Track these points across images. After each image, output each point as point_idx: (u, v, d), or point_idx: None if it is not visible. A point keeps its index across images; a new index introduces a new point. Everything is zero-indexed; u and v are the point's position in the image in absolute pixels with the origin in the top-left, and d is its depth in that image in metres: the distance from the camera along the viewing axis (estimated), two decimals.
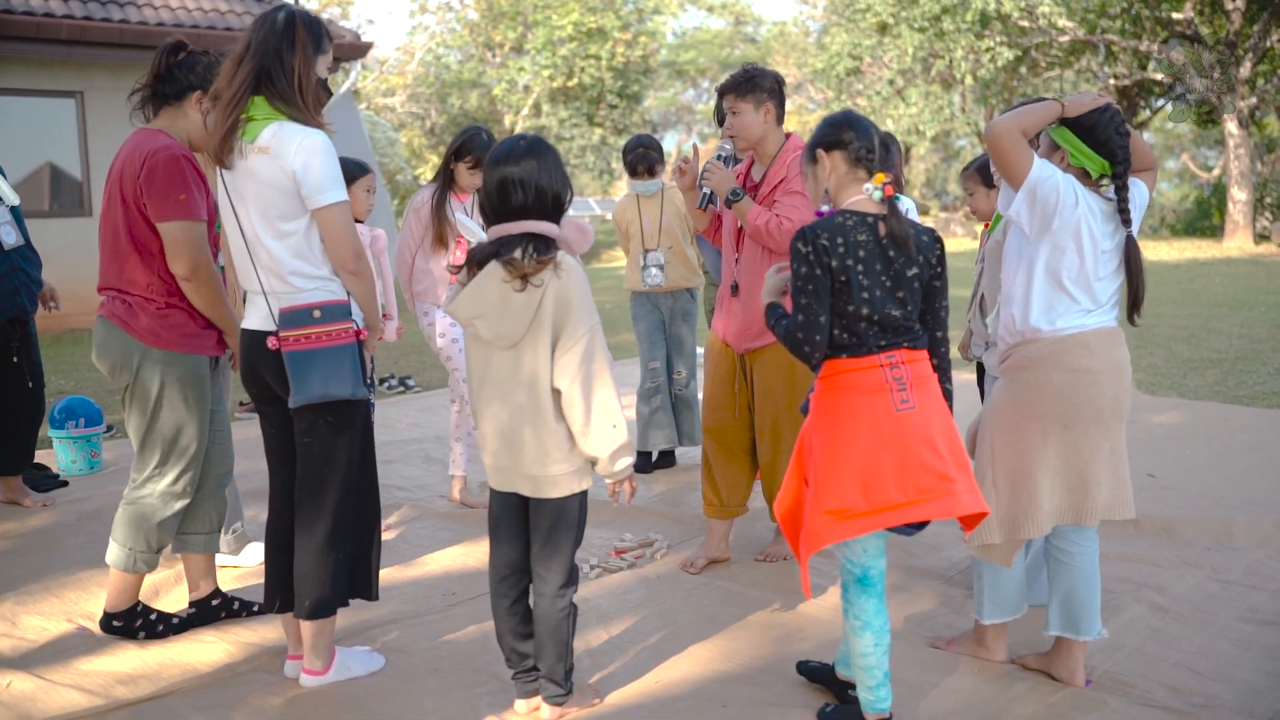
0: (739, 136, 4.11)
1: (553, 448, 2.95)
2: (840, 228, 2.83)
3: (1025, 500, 3.19)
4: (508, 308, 2.88)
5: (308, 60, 3.10)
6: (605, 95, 30.24)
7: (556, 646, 3.06)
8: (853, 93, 27.75)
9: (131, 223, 3.51)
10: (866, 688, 2.95)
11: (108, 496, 5.38)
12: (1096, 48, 26.47)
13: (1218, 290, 14.52)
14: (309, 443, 3.19)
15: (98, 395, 7.86)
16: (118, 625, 3.69)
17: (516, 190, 2.90)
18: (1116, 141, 3.14)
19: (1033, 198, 3.08)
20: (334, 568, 3.24)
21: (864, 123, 2.96)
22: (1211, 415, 6.92)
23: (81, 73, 12.05)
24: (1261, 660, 3.45)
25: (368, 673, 3.41)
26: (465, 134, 4.96)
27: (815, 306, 2.82)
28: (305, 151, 3.04)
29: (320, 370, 3.09)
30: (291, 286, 3.13)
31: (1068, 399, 3.14)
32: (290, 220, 3.09)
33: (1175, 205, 34.71)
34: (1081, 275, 3.14)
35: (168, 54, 3.56)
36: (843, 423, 2.83)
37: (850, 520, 2.79)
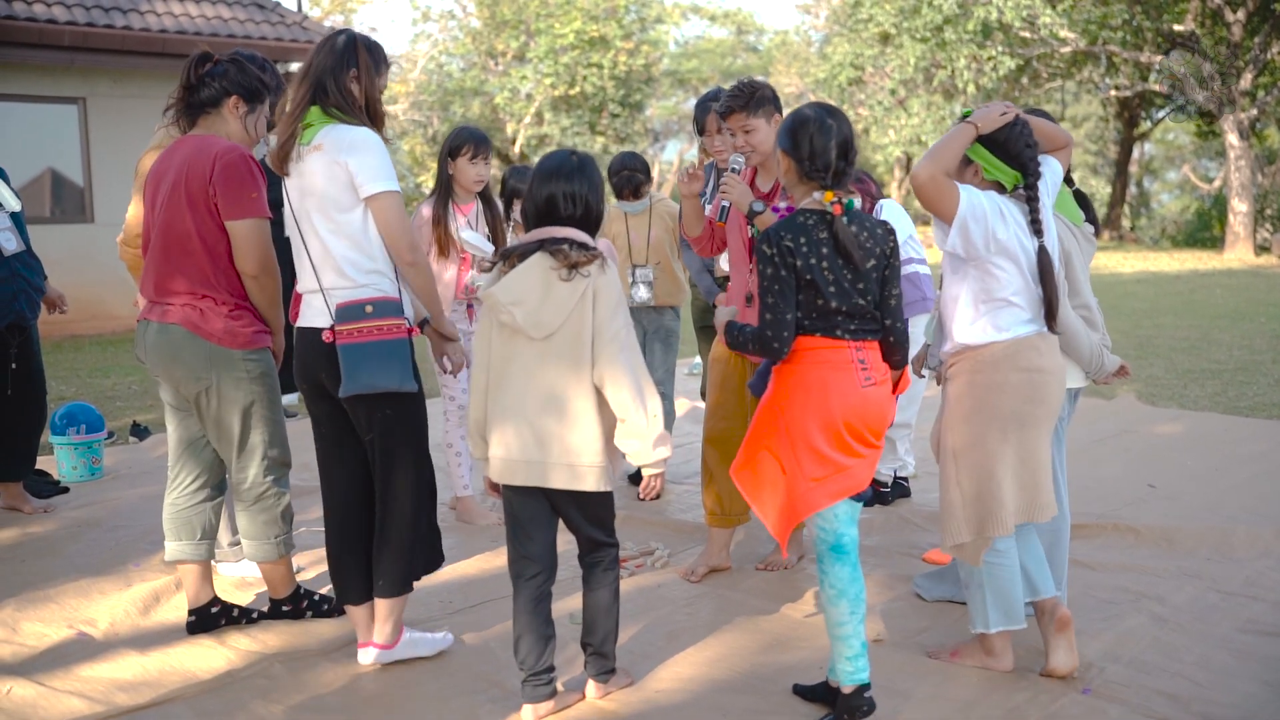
0: (756, 152, 4.09)
1: (591, 438, 3.05)
2: (802, 228, 2.98)
3: (990, 500, 3.30)
4: (550, 296, 2.99)
5: (370, 78, 3.33)
6: (607, 104, 30.27)
7: (608, 621, 3.23)
8: (854, 102, 27.79)
9: (200, 224, 3.54)
10: (844, 658, 3.03)
11: (108, 503, 5.39)
12: (1098, 59, 26.50)
13: (1218, 301, 14.52)
14: (373, 438, 3.36)
15: (99, 401, 7.87)
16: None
17: (566, 203, 3.07)
18: (1027, 154, 3.27)
19: (965, 231, 3.22)
20: (408, 546, 3.41)
21: (824, 130, 3.03)
22: (1211, 426, 6.92)
23: (84, 79, 12.07)
24: (1261, 671, 3.45)
25: (434, 651, 3.58)
26: (454, 132, 4.94)
27: (781, 305, 2.97)
28: (357, 144, 3.25)
29: (370, 363, 3.24)
30: (348, 280, 3.28)
31: (1025, 398, 3.29)
32: (345, 212, 3.26)
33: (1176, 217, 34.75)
34: (1022, 287, 3.29)
35: (196, 65, 3.64)
36: (813, 394, 3.00)
37: (830, 482, 2.99)
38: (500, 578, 4.32)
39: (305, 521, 5.04)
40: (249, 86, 3.67)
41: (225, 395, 3.60)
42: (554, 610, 3.25)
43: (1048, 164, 3.40)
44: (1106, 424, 7.00)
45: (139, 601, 4.06)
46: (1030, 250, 3.29)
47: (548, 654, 3.16)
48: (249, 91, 3.67)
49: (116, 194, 12.10)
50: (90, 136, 12.19)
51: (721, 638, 3.75)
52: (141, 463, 6.32)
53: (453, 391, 5.02)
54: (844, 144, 3.04)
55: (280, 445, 3.74)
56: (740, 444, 4.24)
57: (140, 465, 6.25)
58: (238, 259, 3.57)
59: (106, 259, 11.89)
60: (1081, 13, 24.24)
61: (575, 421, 3.04)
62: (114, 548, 4.75)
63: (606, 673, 3.29)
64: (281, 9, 13.61)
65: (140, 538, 4.86)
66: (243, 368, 3.60)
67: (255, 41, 12.37)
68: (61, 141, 12.15)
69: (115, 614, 3.96)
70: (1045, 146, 3.45)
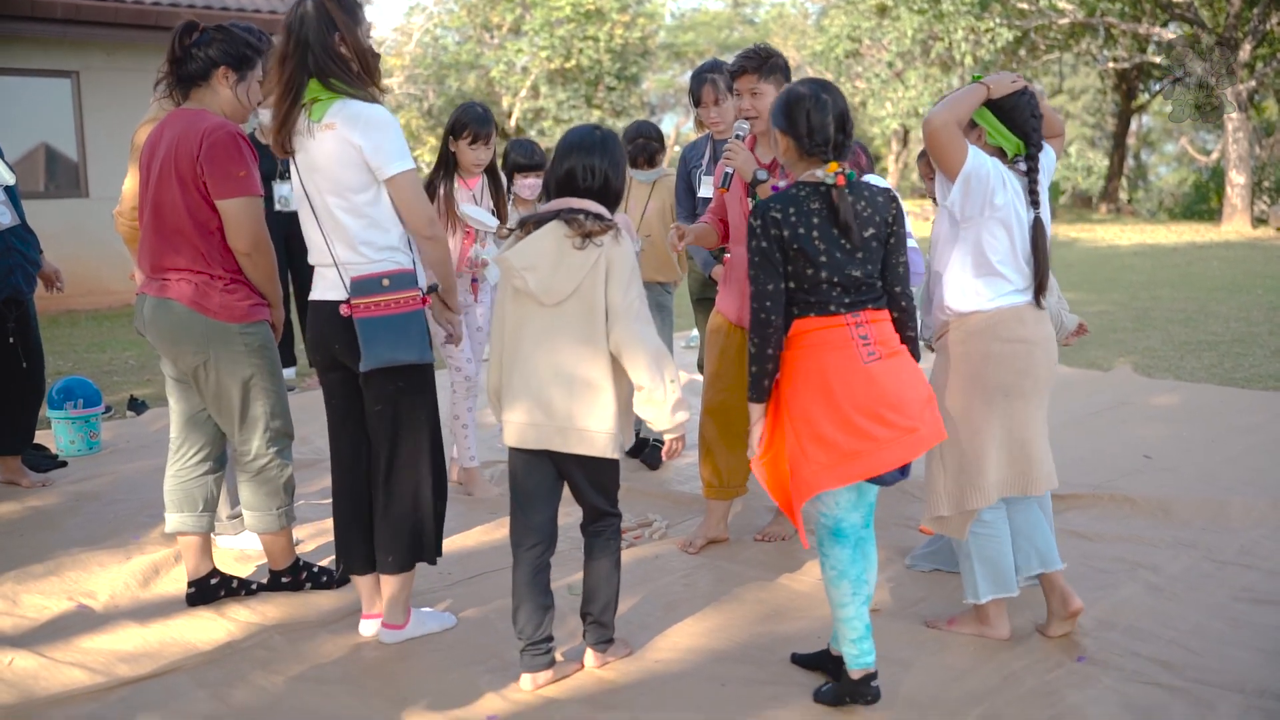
0: (761, 118, 4.06)
1: (599, 405, 3.09)
2: (793, 199, 2.97)
3: (972, 471, 3.32)
4: (563, 263, 3.03)
5: (352, 35, 3.24)
6: (603, 77, 30.12)
7: (609, 591, 3.26)
8: (851, 75, 27.65)
9: (190, 202, 3.52)
10: (849, 641, 3.02)
11: (107, 477, 5.40)
12: (1096, 30, 26.38)
13: (1215, 273, 14.52)
14: (381, 410, 3.34)
15: (96, 376, 7.87)
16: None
17: (585, 175, 3.11)
18: (1031, 124, 3.30)
19: (968, 187, 3.22)
20: (414, 524, 3.40)
21: (822, 107, 3.00)
22: (1208, 397, 6.93)
23: (77, 52, 11.99)
24: (1254, 638, 3.47)
25: (442, 628, 3.59)
26: (459, 111, 4.86)
27: (763, 277, 2.96)
28: (369, 126, 3.18)
29: (389, 336, 3.23)
30: (362, 257, 3.27)
31: (1009, 367, 3.29)
32: (360, 192, 3.23)
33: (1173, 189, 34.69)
34: (1011, 256, 3.30)
35: (181, 36, 3.59)
36: (812, 379, 2.95)
37: (839, 466, 2.91)
38: (499, 550, 4.34)
39: (305, 494, 5.05)
40: (237, 55, 3.61)
41: (223, 369, 3.59)
42: (553, 582, 3.27)
43: (1044, 150, 3.41)
44: (1103, 395, 7.01)
45: (138, 574, 4.07)
46: (1025, 221, 3.31)
47: (546, 624, 3.19)
48: (237, 60, 3.62)
49: (111, 168, 12.04)
50: (84, 110, 12.12)
51: (720, 608, 3.77)
52: (139, 436, 6.32)
53: (458, 363, 5.00)
54: (840, 117, 3.02)
55: (283, 416, 3.75)
56: (738, 415, 4.29)
57: (138, 439, 6.25)
58: (230, 237, 3.55)
59: (102, 233, 11.86)
60: None
61: (586, 388, 3.08)
62: (113, 521, 4.76)
63: (605, 642, 3.31)
64: None
65: (139, 511, 4.87)
66: (240, 341, 3.60)
67: (248, 14, 12.30)
68: (55, 115, 12.08)
69: (115, 586, 3.98)
70: (1045, 131, 3.44)
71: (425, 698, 3.16)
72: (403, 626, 3.50)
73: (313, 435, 6.14)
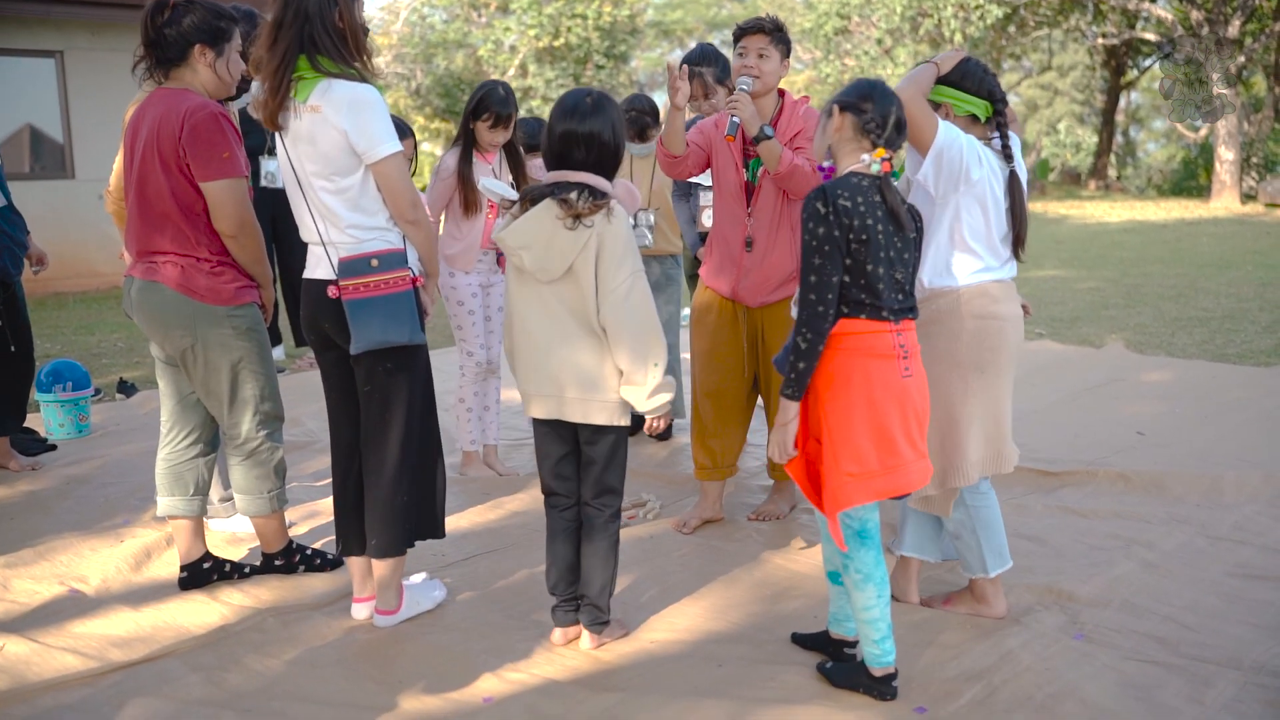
0: (761, 80, 4.02)
1: (600, 378, 3.13)
2: (858, 188, 2.86)
3: (952, 450, 3.31)
4: (554, 242, 3.04)
5: (351, 11, 3.18)
6: (592, 55, 29.96)
7: (605, 574, 3.26)
8: (840, 52, 27.55)
9: (174, 185, 3.47)
10: (871, 641, 2.97)
11: (97, 460, 5.36)
12: (1085, 6, 26.30)
13: (1205, 249, 14.54)
14: (369, 390, 3.32)
15: (85, 358, 7.83)
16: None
17: (579, 147, 3.08)
18: (990, 81, 3.34)
19: (939, 161, 3.21)
20: (403, 508, 3.38)
21: (888, 98, 2.96)
22: (1200, 373, 6.94)
23: (61, 32, 11.88)
24: (1249, 614, 3.48)
25: (434, 604, 3.59)
26: (481, 90, 4.77)
27: (829, 267, 2.82)
28: (355, 107, 3.13)
29: (379, 317, 3.20)
30: (350, 238, 3.24)
31: (982, 344, 3.29)
32: (346, 175, 3.19)
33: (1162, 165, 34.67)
34: (985, 234, 3.30)
35: (152, 16, 3.50)
36: (855, 384, 2.86)
37: (868, 481, 2.86)
38: (493, 532, 4.34)
39: (297, 476, 5.03)
40: (210, 29, 3.51)
41: (211, 352, 3.56)
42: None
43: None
44: (1095, 372, 7.01)
45: (130, 558, 4.05)
46: (1001, 203, 3.31)
47: (576, 580, 3.29)
48: (211, 34, 3.52)
49: (96, 149, 11.95)
50: (69, 91, 12.02)
51: (715, 588, 3.76)
52: (129, 419, 6.28)
53: (471, 347, 4.96)
54: (900, 120, 2.95)
55: (273, 399, 3.72)
56: (733, 396, 4.28)
57: (128, 422, 6.22)
58: (215, 219, 3.51)
59: (88, 215, 11.81)
60: None
61: (588, 361, 3.12)
62: (103, 504, 4.73)
63: (601, 624, 3.30)
64: None
65: (130, 494, 4.85)
66: (228, 324, 3.57)
67: None
68: (40, 96, 11.98)
69: (107, 570, 3.95)
70: None
71: (421, 680, 3.15)
72: (395, 611, 3.47)
73: (304, 417, 6.12)
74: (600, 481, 3.24)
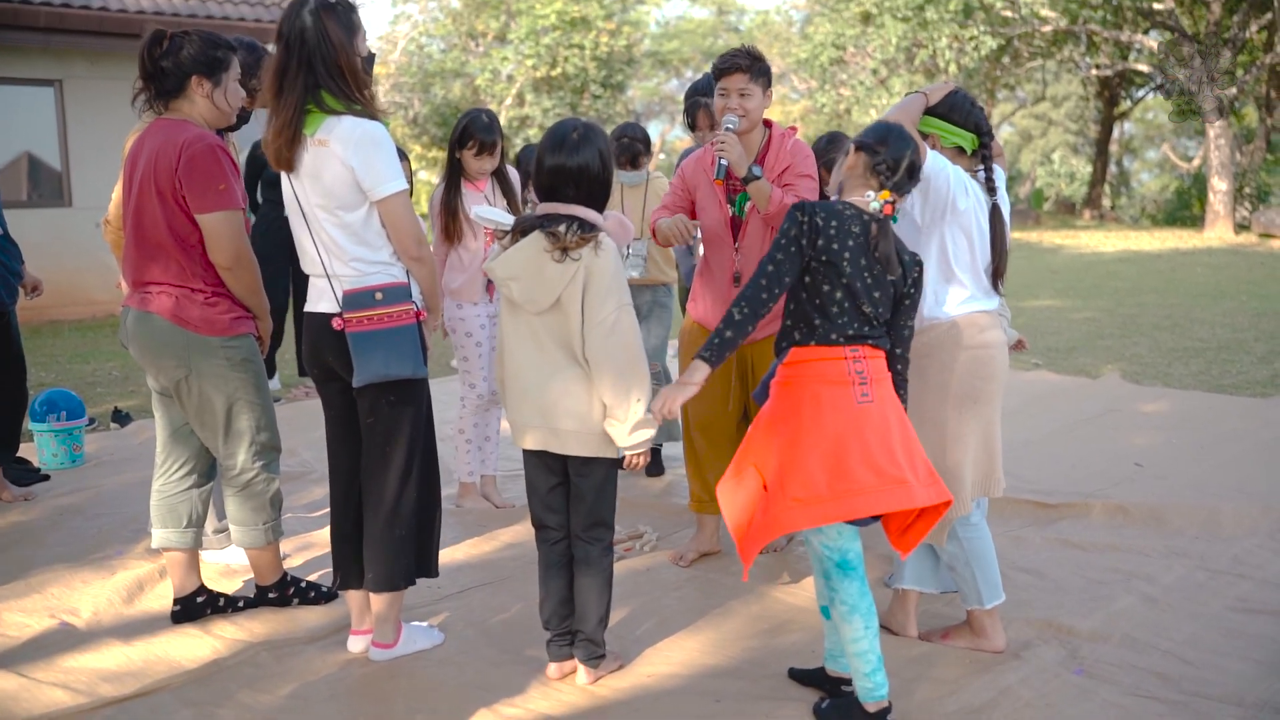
0: (747, 118, 4.02)
1: (589, 408, 3.11)
2: (838, 213, 2.94)
3: (949, 481, 3.30)
4: (542, 275, 3.05)
5: (346, 49, 3.16)
6: (589, 85, 30.08)
7: (599, 608, 3.23)
8: (836, 83, 27.68)
9: (170, 216, 3.47)
10: (862, 674, 2.95)
11: (90, 490, 5.33)
12: (1078, 38, 26.46)
13: (1200, 279, 14.57)
14: (372, 423, 3.32)
15: (79, 387, 7.80)
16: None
17: (569, 182, 3.09)
18: (977, 114, 3.40)
19: (926, 189, 3.24)
20: (401, 542, 3.35)
21: (904, 143, 2.99)
22: (1197, 404, 6.93)
23: (60, 61, 11.91)
24: (1251, 649, 3.45)
25: (431, 645, 3.54)
26: (465, 119, 4.77)
27: (786, 265, 2.91)
28: (362, 145, 3.14)
29: (382, 350, 3.20)
30: (354, 271, 3.24)
31: (975, 375, 3.32)
32: (351, 210, 3.20)
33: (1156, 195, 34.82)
34: (971, 264, 3.34)
35: (150, 48, 3.50)
36: (805, 411, 2.90)
37: (815, 506, 2.82)
38: (489, 564, 4.31)
39: (292, 508, 5.00)
40: (206, 60, 3.51)
41: (206, 383, 3.55)
42: None
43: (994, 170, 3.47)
44: (1092, 403, 7.01)
45: (122, 590, 4.01)
46: (985, 234, 3.34)
47: (570, 615, 3.27)
48: (208, 65, 3.52)
49: (94, 177, 11.96)
50: (67, 119, 12.03)
51: (712, 622, 3.73)
52: (123, 449, 6.25)
53: (474, 379, 4.94)
54: (914, 165, 2.99)
55: (269, 429, 3.70)
56: (723, 426, 4.25)
57: (122, 452, 6.19)
58: (210, 252, 3.50)
59: (85, 243, 11.80)
60: None
61: (575, 392, 3.11)
62: (96, 535, 4.70)
63: (596, 658, 3.28)
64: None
65: (123, 525, 4.81)
66: (223, 355, 3.55)
67: (234, 23, 12.24)
68: (38, 124, 11.99)
69: (98, 603, 3.92)
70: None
71: (416, 716, 3.11)
72: (392, 645, 3.45)
73: (299, 448, 6.09)
74: (591, 513, 3.22)
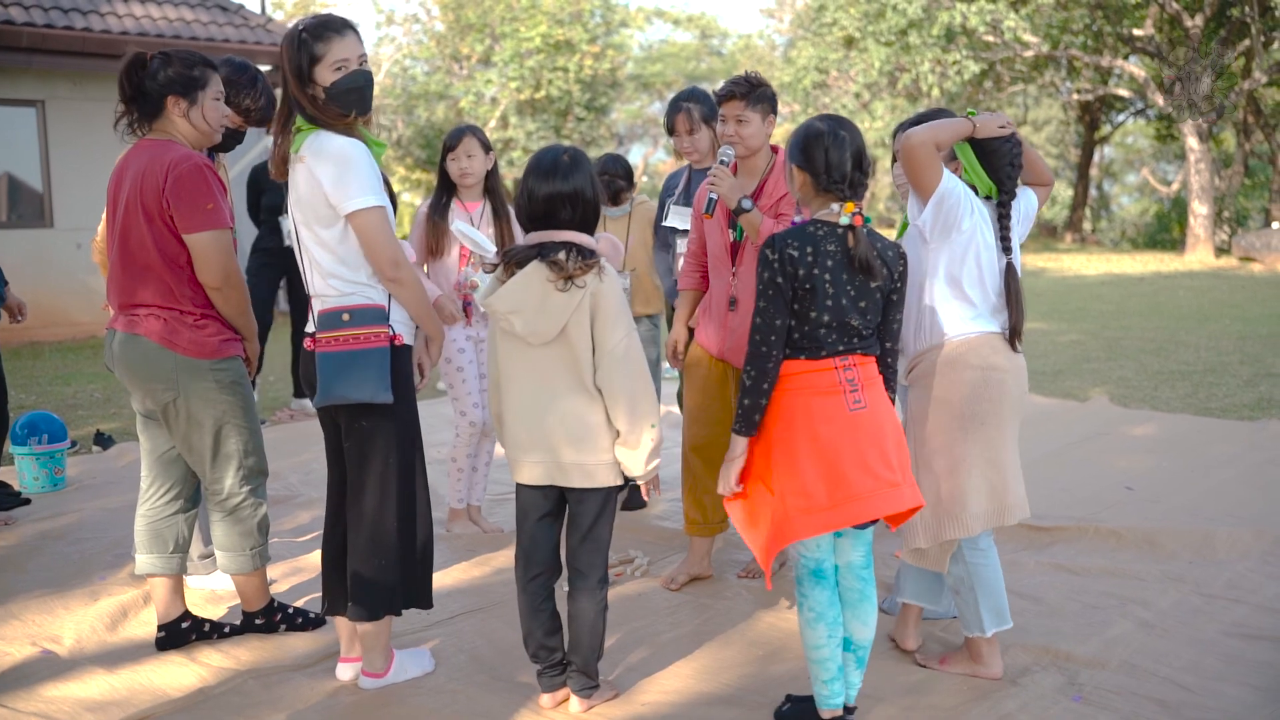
0: (745, 145, 4.02)
1: (594, 438, 3.07)
2: (810, 237, 2.93)
3: (951, 503, 3.29)
4: (547, 305, 2.99)
5: (301, 77, 3.14)
6: (573, 108, 30.17)
7: (593, 639, 3.18)
8: (819, 106, 27.79)
9: (158, 236, 3.42)
10: (820, 681, 3.01)
11: (72, 515, 5.25)
12: (1059, 63, 26.70)
13: (1182, 303, 14.65)
14: (349, 446, 3.28)
15: (61, 410, 7.71)
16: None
17: (565, 207, 3.04)
18: (1008, 172, 3.32)
19: (939, 208, 3.23)
20: (381, 571, 3.28)
21: (840, 144, 2.97)
22: (1185, 428, 6.93)
23: (42, 82, 11.86)
24: (1249, 675, 3.43)
25: (422, 673, 3.48)
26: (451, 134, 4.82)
27: (772, 311, 2.92)
28: (330, 160, 3.13)
29: (342, 373, 3.15)
30: (333, 290, 3.22)
31: (982, 395, 3.29)
32: (326, 226, 3.18)
33: (1135, 219, 35.09)
34: (978, 281, 3.31)
35: (130, 71, 3.47)
36: (798, 422, 2.92)
37: (817, 515, 2.88)
38: (479, 590, 4.25)
39: (278, 532, 4.94)
40: (182, 79, 3.47)
41: (194, 406, 3.49)
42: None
43: (1025, 194, 3.46)
44: (1081, 426, 7.00)
45: (106, 617, 3.94)
46: (993, 248, 3.33)
47: (557, 646, 3.22)
48: (183, 84, 3.47)
49: (76, 199, 11.89)
50: (49, 140, 11.97)
51: (706, 648, 3.69)
52: (106, 472, 6.17)
53: (464, 407, 4.88)
54: (858, 154, 2.99)
55: (257, 453, 3.64)
56: (722, 450, 4.21)
57: (105, 475, 6.11)
58: (199, 272, 3.46)
59: (67, 264, 11.73)
60: (1044, 17, 24.42)
61: (581, 424, 3.06)
62: (79, 561, 4.62)
63: (589, 689, 3.23)
64: (245, 11, 13.44)
65: (106, 550, 4.74)
66: (211, 378, 3.50)
67: (218, 44, 12.21)
68: (19, 145, 11.93)
69: (81, 630, 3.84)
70: (1030, 179, 3.50)
71: None
72: (382, 675, 3.38)
73: (285, 471, 6.03)
74: (588, 542, 3.17)
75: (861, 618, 3.06)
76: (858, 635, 3.06)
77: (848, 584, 3.07)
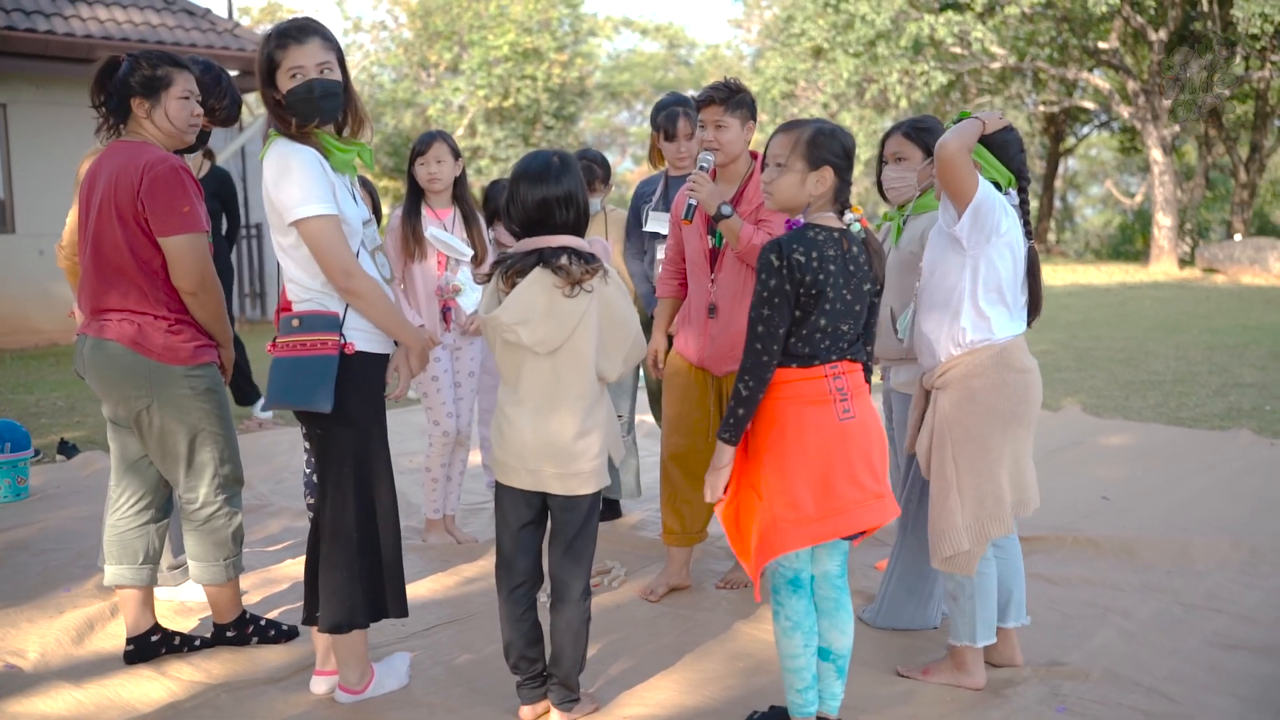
0: (723, 151, 4.00)
1: (587, 445, 3.05)
2: (814, 242, 2.89)
3: (991, 501, 3.30)
4: (555, 312, 2.96)
5: (265, 82, 3.14)
6: (541, 116, 30.14)
7: (575, 651, 3.13)
8: (787, 116, 27.89)
9: (132, 240, 3.35)
10: (795, 690, 3.00)
11: (36, 525, 5.14)
12: (1025, 75, 26.94)
13: (1149, 313, 14.78)
14: (309, 456, 3.23)
15: (24, 418, 7.58)
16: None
17: (561, 209, 3.01)
18: (1020, 159, 3.41)
19: (977, 216, 3.23)
20: (345, 582, 3.20)
21: (851, 151, 2.99)
22: (1158, 438, 6.97)
23: (4, 85, 11.68)
24: (1234, 685, 3.42)
25: (399, 686, 3.41)
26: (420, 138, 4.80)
27: (776, 319, 2.87)
28: (274, 166, 3.10)
29: (286, 378, 3.12)
30: (293, 296, 3.22)
31: (1021, 397, 3.32)
32: (281, 234, 3.16)
33: (1099, 230, 35.42)
34: (1013, 283, 3.34)
35: (102, 76, 3.42)
36: (789, 432, 2.90)
37: (805, 526, 2.86)
38: (454, 601, 4.19)
39: (250, 541, 4.86)
40: (142, 80, 3.41)
41: (168, 414, 3.42)
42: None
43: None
44: (1056, 436, 7.02)
45: (71, 630, 3.84)
46: (1024, 247, 3.36)
47: (538, 657, 3.16)
48: (145, 85, 3.41)
49: (39, 204, 11.71)
50: (11, 144, 11.79)
51: (688, 661, 3.64)
52: (70, 481, 6.05)
53: (438, 416, 4.81)
54: (849, 149, 3.01)
55: (232, 461, 3.57)
56: (703, 459, 4.18)
57: (69, 484, 5.99)
58: (174, 276, 3.39)
59: (29, 271, 11.54)
60: (1011, 29, 24.64)
61: (572, 428, 3.03)
62: (43, 572, 4.51)
63: (570, 702, 3.17)
64: (212, 16, 13.32)
65: (71, 561, 4.63)
66: (185, 384, 3.43)
67: (185, 49, 12.07)
68: None
69: (46, 643, 3.74)
70: None
71: None
72: (359, 691, 3.30)
73: (256, 480, 5.93)
74: (571, 552, 3.12)
75: (839, 626, 3.03)
76: (836, 644, 3.03)
77: (823, 593, 3.05)
